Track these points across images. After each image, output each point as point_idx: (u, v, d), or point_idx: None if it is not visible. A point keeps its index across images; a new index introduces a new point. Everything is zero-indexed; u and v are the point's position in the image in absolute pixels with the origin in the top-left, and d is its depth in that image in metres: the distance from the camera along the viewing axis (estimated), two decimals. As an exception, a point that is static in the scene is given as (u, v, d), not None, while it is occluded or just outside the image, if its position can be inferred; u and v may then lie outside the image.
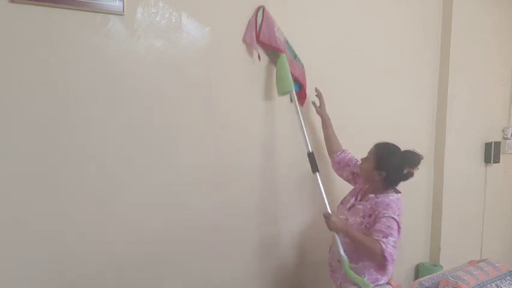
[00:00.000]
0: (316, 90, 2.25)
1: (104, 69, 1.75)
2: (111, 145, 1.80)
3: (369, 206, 1.90)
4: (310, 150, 2.07)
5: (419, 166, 1.92)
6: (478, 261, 2.05)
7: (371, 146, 2.00)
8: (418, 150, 1.96)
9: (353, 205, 2.01)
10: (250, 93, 2.14)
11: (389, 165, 1.89)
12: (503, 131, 3.39)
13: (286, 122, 2.25)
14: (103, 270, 1.83)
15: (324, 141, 2.29)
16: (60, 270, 1.74)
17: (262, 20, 2.04)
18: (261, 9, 2.05)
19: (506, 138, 3.36)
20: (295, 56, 2.19)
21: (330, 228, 1.92)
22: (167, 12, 1.88)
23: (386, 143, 1.97)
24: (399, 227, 1.84)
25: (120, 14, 1.75)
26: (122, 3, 1.74)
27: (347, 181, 2.22)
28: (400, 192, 1.96)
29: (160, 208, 1.93)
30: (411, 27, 2.80)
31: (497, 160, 3.29)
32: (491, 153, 3.25)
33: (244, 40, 2.06)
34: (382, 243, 1.76)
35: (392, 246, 1.77)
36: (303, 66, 2.22)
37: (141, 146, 1.86)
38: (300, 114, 2.08)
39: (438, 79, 3.00)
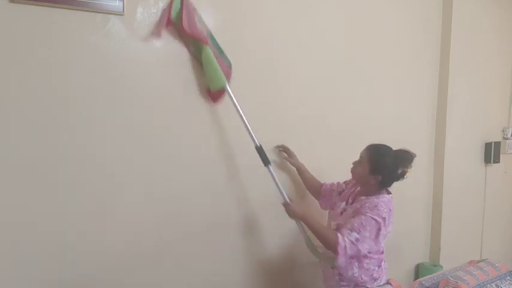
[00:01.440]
0: (278, 147, 2.21)
1: (104, 69, 1.75)
2: (111, 145, 1.80)
3: (358, 206, 1.88)
4: (258, 144, 1.98)
5: (412, 165, 1.88)
6: (478, 261, 2.06)
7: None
8: (418, 150, 1.95)
9: (345, 209, 1.98)
10: (250, 92, 2.14)
11: (384, 168, 1.86)
12: (503, 131, 3.38)
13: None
14: (103, 270, 1.83)
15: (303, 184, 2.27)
16: (60, 270, 1.74)
17: (182, 8, 1.81)
18: None
19: (506, 138, 3.36)
20: (221, 52, 1.96)
21: (290, 215, 1.95)
22: (167, 12, 1.88)
23: (378, 144, 1.93)
24: (380, 228, 1.79)
25: (120, 14, 1.75)
26: (121, 3, 1.74)
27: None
28: (391, 193, 1.94)
29: (160, 208, 1.93)
30: (411, 27, 2.80)
31: (497, 160, 3.29)
32: (491, 153, 3.25)
33: (155, 35, 1.84)
34: (339, 236, 1.75)
35: (351, 241, 1.75)
36: (229, 65, 1.99)
37: (141, 146, 1.87)
38: (239, 108, 1.93)
39: (438, 79, 3.00)
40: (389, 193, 1.93)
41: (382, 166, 1.85)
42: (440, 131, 3.02)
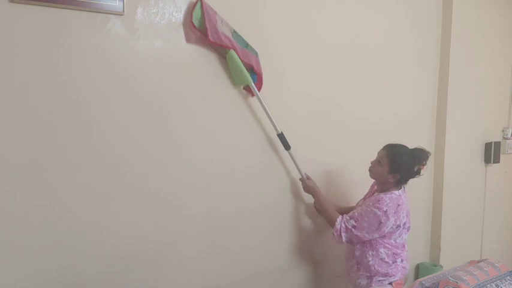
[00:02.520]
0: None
1: (104, 69, 1.75)
2: (111, 145, 1.80)
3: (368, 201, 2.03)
4: (279, 131, 2.12)
5: (427, 162, 2.02)
6: (478, 261, 2.05)
7: (371, 146, 2.01)
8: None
9: (361, 205, 2.09)
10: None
11: (403, 167, 1.97)
12: (503, 131, 3.38)
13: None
14: (103, 270, 1.82)
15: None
16: (60, 270, 1.74)
17: (203, 17, 1.87)
18: (199, 2, 1.87)
19: (506, 138, 3.36)
20: (247, 45, 2.06)
21: (304, 189, 2.21)
22: (167, 12, 1.88)
23: (396, 144, 2.04)
24: (380, 221, 1.91)
25: (120, 14, 1.75)
26: (121, 3, 1.74)
27: None
28: (401, 188, 2.04)
29: (160, 208, 1.93)
30: (411, 28, 2.80)
31: (497, 160, 3.29)
32: (491, 153, 3.25)
33: (189, 41, 1.92)
34: (338, 219, 2.01)
35: (346, 226, 1.97)
36: (256, 55, 2.10)
37: (142, 146, 1.86)
38: (262, 100, 2.06)
39: (438, 79, 3.00)
40: (399, 188, 2.03)
41: (400, 165, 1.97)
42: (440, 131, 3.02)
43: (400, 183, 2.02)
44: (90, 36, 1.71)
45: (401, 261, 2.02)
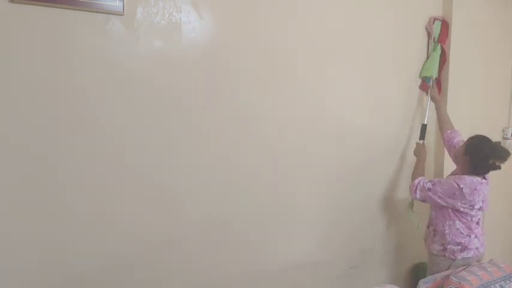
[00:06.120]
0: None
1: (104, 70, 1.75)
2: (111, 145, 1.80)
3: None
4: (425, 122, 2.65)
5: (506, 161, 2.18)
6: (482, 262, 2.06)
7: (373, 145, 2.00)
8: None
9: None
10: (250, 93, 2.14)
11: (474, 152, 2.17)
12: (503, 131, 3.38)
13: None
14: (103, 270, 1.82)
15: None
16: (60, 270, 1.74)
17: (442, 28, 2.78)
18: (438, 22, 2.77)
19: (506, 138, 3.35)
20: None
21: (414, 152, 2.63)
22: (167, 12, 1.87)
23: (480, 135, 2.24)
24: (454, 193, 2.13)
25: (120, 14, 1.75)
26: (121, 3, 1.74)
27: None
28: (485, 179, 2.22)
29: (161, 208, 1.94)
30: (411, 28, 2.80)
31: (497, 160, 3.27)
32: (491, 153, 3.24)
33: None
34: (419, 178, 2.32)
35: (423, 186, 2.26)
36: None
37: (142, 145, 1.86)
38: (429, 94, 2.70)
39: (438, 79, 2.99)
40: (483, 178, 2.21)
41: (472, 149, 2.19)
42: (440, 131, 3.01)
43: (473, 168, 2.18)
44: (90, 36, 1.71)
45: (475, 237, 2.21)
